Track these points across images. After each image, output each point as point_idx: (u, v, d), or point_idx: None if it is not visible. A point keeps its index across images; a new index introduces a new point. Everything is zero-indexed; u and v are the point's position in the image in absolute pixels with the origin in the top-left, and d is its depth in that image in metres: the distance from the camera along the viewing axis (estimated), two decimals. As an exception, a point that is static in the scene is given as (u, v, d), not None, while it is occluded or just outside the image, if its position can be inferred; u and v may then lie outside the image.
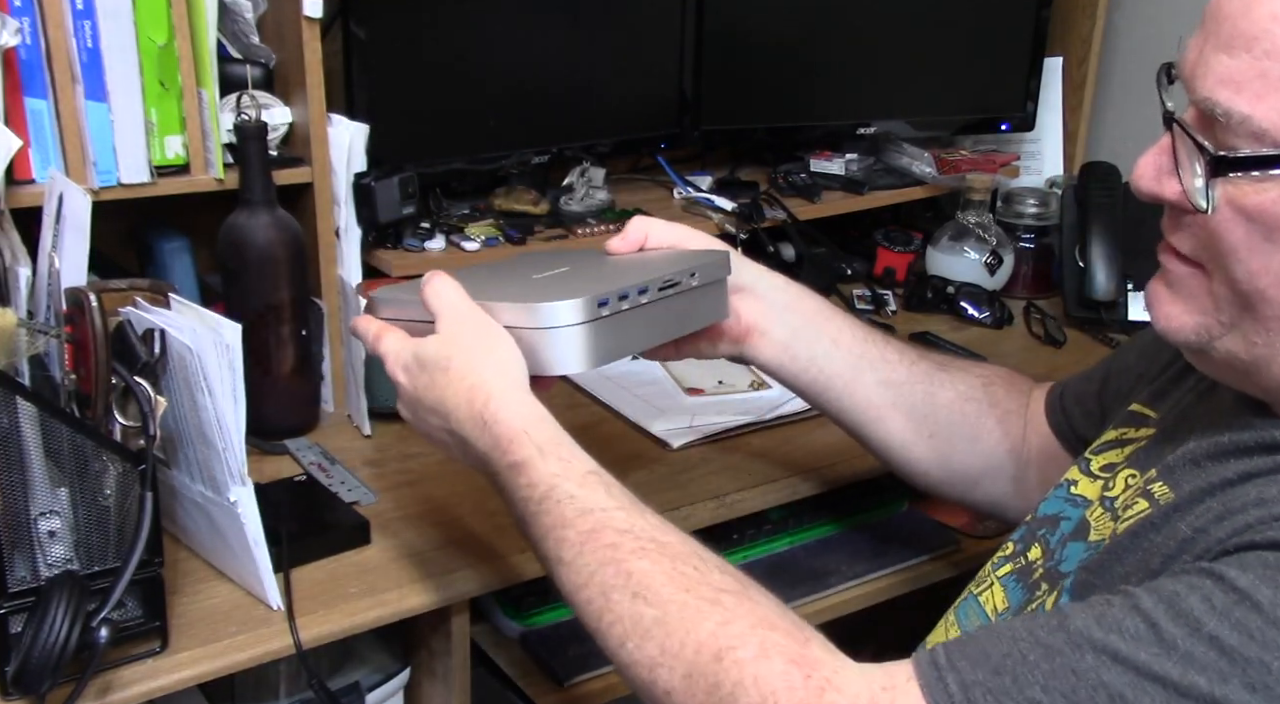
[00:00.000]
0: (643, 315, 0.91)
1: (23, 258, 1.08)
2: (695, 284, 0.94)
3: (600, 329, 0.87)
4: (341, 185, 1.27)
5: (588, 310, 0.86)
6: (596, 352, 0.88)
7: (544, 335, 0.86)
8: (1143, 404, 0.90)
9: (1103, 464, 0.88)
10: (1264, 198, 0.66)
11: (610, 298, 0.88)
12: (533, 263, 1.02)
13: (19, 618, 0.84)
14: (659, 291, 0.92)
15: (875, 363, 1.03)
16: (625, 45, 1.60)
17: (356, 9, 1.34)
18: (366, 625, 0.99)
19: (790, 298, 1.03)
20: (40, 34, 1.09)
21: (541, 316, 0.86)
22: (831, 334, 1.03)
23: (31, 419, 0.82)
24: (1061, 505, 0.89)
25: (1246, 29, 0.64)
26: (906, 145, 1.85)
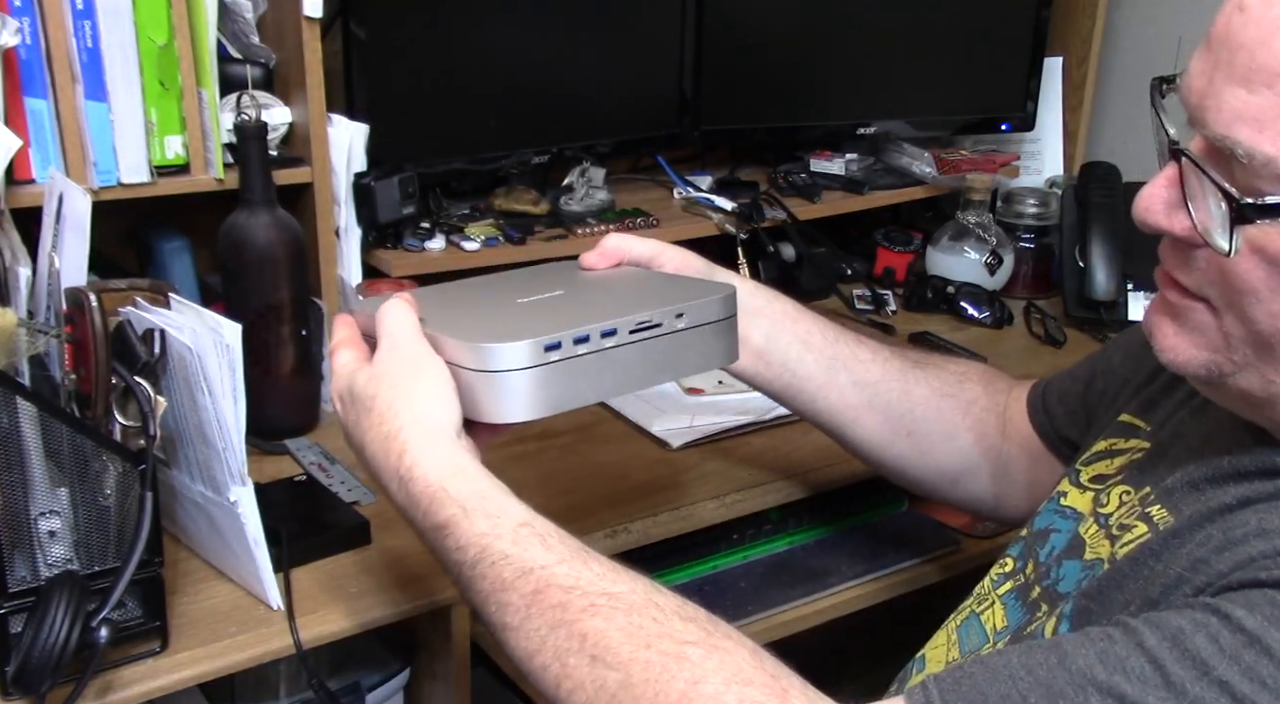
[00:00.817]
0: (608, 361, 0.81)
1: (23, 258, 1.08)
2: (682, 327, 0.83)
3: (549, 376, 0.77)
4: (341, 185, 1.27)
5: (533, 354, 0.76)
6: (543, 401, 0.78)
7: (483, 379, 0.77)
8: (1133, 415, 0.88)
9: (1092, 476, 0.87)
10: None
11: (563, 341, 0.78)
12: (532, 282, 0.94)
13: (19, 618, 0.84)
14: (630, 334, 0.81)
15: (848, 363, 1.01)
16: (625, 45, 1.60)
17: (356, 9, 1.34)
18: (366, 625, 0.99)
19: (761, 302, 1.00)
20: (40, 34, 1.09)
21: (482, 358, 0.76)
22: (802, 337, 1.00)
23: (31, 419, 0.82)
24: (1052, 518, 0.87)
25: (1267, 62, 0.59)
26: (906, 145, 1.85)
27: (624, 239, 0.96)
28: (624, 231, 1.50)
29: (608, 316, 0.80)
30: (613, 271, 0.94)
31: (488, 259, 1.43)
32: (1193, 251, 0.67)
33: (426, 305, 0.86)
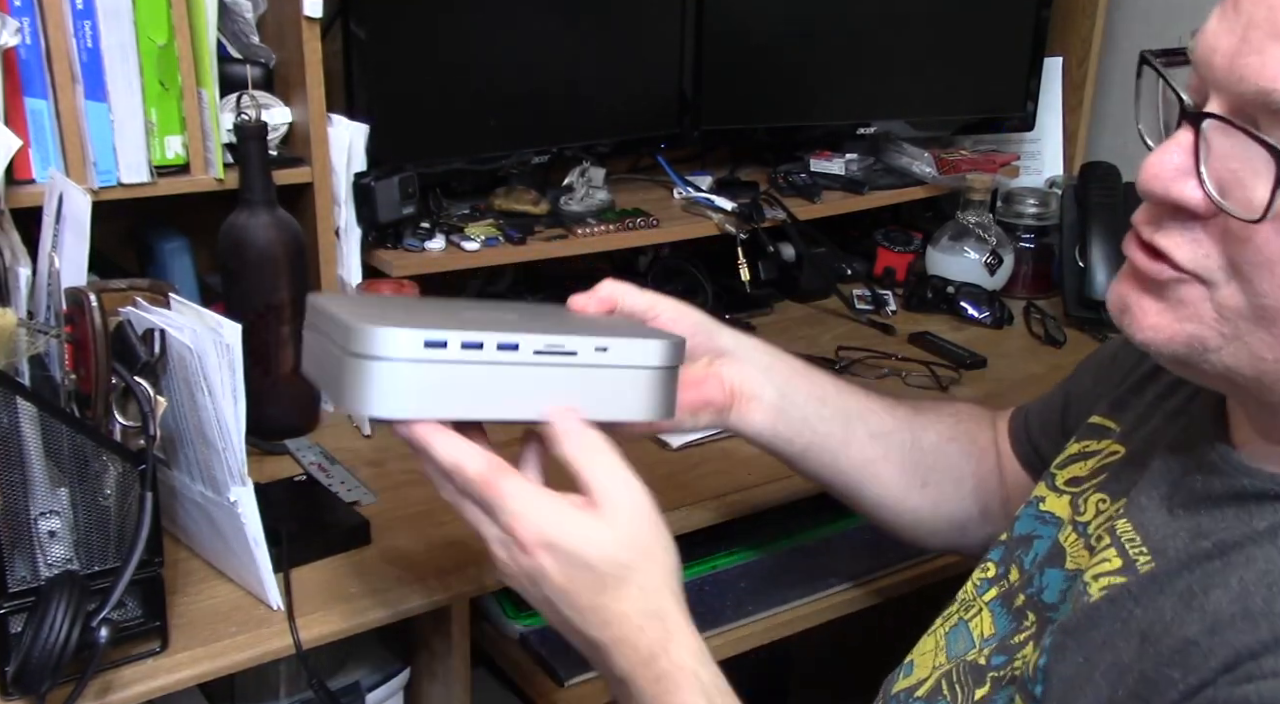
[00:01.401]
0: (501, 377, 0.71)
1: (23, 258, 1.08)
2: (602, 362, 0.73)
3: (422, 375, 0.69)
4: (341, 185, 1.27)
5: (409, 346, 0.68)
6: (409, 402, 0.69)
7: (351, 363, 0.69)
8: (1103, 415, 0.87)
9: (1067, 479, 0.86)
10: None
11: (449, 341, 0.69)
12: (502, 308, 0.90)
13: (19, 618, 0.84)
14: (535, 354, 0.72)
15: (863, 415, 0.97)
16: (625, 45, 1.60)
17: (356, 9, 1.34)
18: (366, 625, 0.99)
19: (771, 358, 0.94)
20: (40, 34, 1.09)
21: (354, 338, 0.68)
22: (817, 392, 0.95)
23: (31, 419, 0.82)
24: (1033, 524, 0.86)
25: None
26: (906, 145, 1.85)
27: (620, 287, 0.88)
28: (625, 230, 1.51)
29: (513, 332, 0.71)
30: (586, 316, 0.85)
31: (488, 259, 1.43)
32: (1191, 223, 0.64)
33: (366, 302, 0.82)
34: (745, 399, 0.91)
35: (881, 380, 1.49)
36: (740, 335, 0.93)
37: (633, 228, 1.52)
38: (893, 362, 1.53)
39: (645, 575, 0.72)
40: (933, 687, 0.85)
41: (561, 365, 0.72)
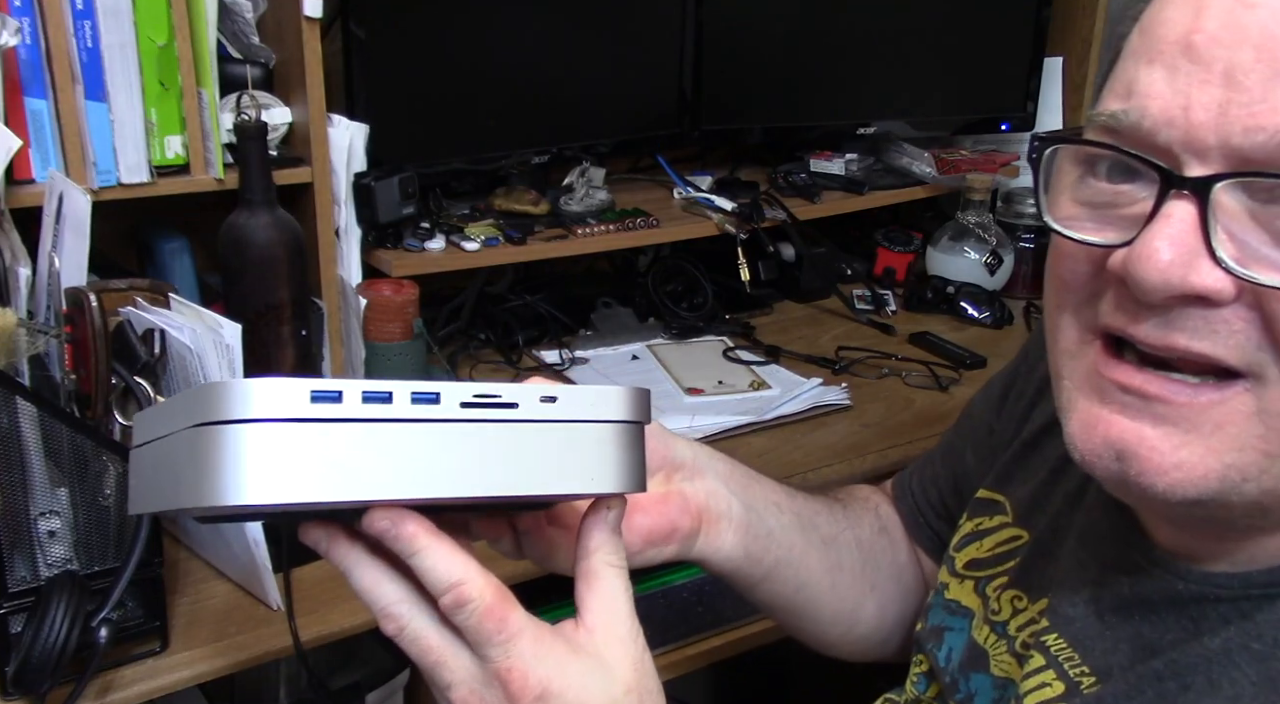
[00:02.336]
0: (417, 439, 0.51)
1: (23, 258, 1.08)
2: (551, 417, 0.54)
3: (312, 441, 0.48)
4: (341, 185, 1.27)
5: (294, 402, 0.48)
6: (291, 477, 0.48)
7: (208, 437, 0.48)
8: (990, 489, 0.80)
9: (966, 561, 0.79)
10: None
11: (345, 392, 0.49)
12: None
13: (19, 618, 0.84)
14: (462, 407, 0.52)
15: (812, 519, 0.84)
16: (625, 45, 1.60)
17: (356, 9, 1.34)
18: (366, 625, 0.99)
19: (727, 465, 0.79)
20: (40, 34, 1.09)
21: (216, 401, 0.47)
22: (773, 498, 0.81)
23: (31, 419, 0.82)
24: (941, 615, 0.79)
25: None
26: (906, 145, 1.85)
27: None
28: (625, 230, 1.51)
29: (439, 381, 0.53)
30: None
31: (488, 259, 1.43)
32: (1207, 312, 0.52)
33: None
34: (713, 520, 0.75)
35: (882, 380, 1.49)
36: (694, 443, 0.77)
37: (633, 228, 1.52)
38: (893, 362, 1.53)
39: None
40: None
41: (498, 421, 0.53)
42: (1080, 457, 0.57)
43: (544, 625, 0.57)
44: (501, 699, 0.55)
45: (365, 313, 1.26)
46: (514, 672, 0.55)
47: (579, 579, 0.59)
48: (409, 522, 0.53)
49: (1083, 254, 0.56)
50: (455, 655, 0.55)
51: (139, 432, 0.57)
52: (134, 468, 0.58)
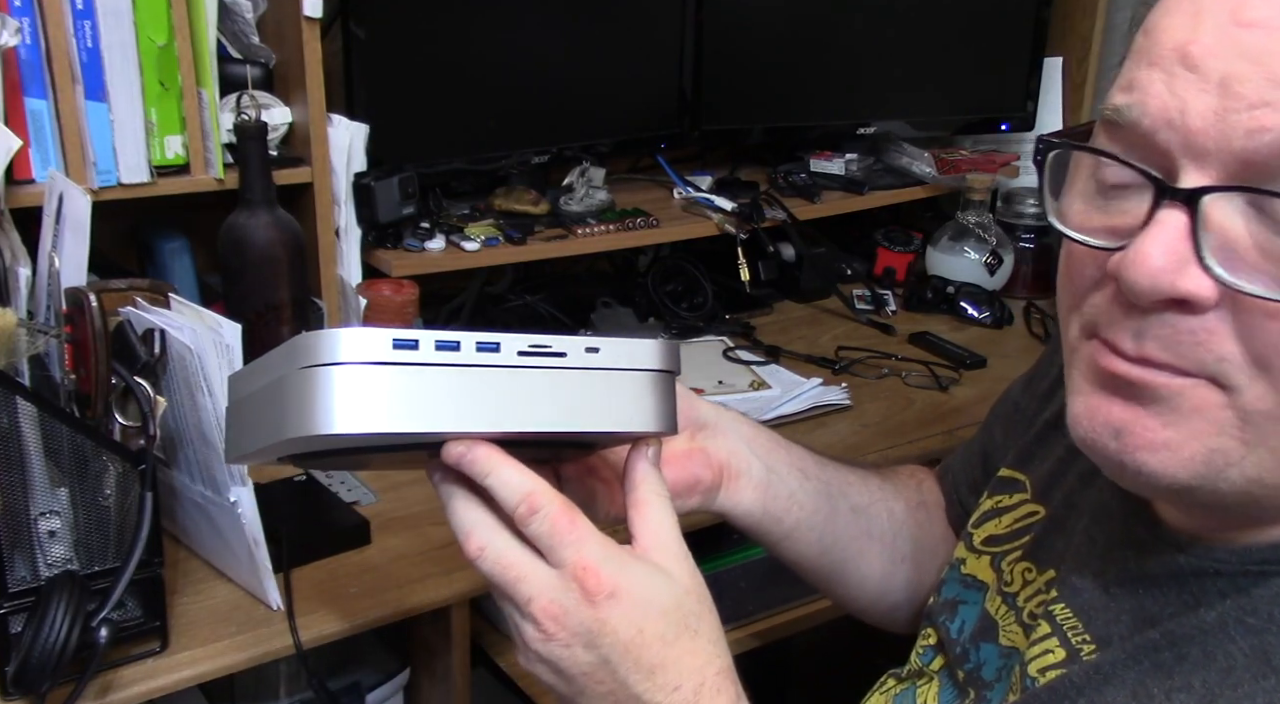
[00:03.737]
0: (481, 382, 0.61)
1: (23, 258, 1.08)
2: (595, 365, 0.64)
3: (393, 381, 0.58)
4: (341, 185, 1.27)
5: (378, 348, 0.58)
6: (377, 411, 0.58)
7: (305, 378, 0.58)
8: (1010, 468, 0.82)
9: (984, 538, 0.81)
10: None
11: (421, 341, 0.59)
12: None
13: (19, 618, 0.84)
14: (519, 356, 0.62)
15: (842, 488, 0.88)
16: (625, 45, 1.60)
17: (356, 9, 1.34)
18: (366, 625, 0.99)
19: (751, 429, 0.84)
20: (40, 34, 1.09)
21: (312, 349, 0.58)
22: (799, 464, 0.85)
23: (31, 419, 0.82)
24: (957, 589, 0.81)
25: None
26: (906, 145, 1.85)
27: None
28: (625, 230, 1.51)
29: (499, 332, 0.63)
30: None
31: (488, 259, 1.43)
32: (1188, 317, 0.54)
33: None
34: (733, 476, 0.81)
35: (882, 380, 1.49)
36: (719, 407, 0.83)
37: (633, 228, 1.52)
38: (893, 362, 1.53)
39: (713, 628, 0.65)
40: None
41: (550, 367, 0.63)
42: (1082, 436, 0.59)
43: (608, 537, 0.62)
44: (579, 601, 0.60)
45: (365, 313, 1.26)
46: (588, 570, 0.60)
47: (630, 509, 0.65)
48: (480, 447, 0.61)
49: (1088, 254, 0.59)
50: (533, 568, 0.60)
51: (234, 389, 0.66)
52: (231, 420, 0.67)
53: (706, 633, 0.64)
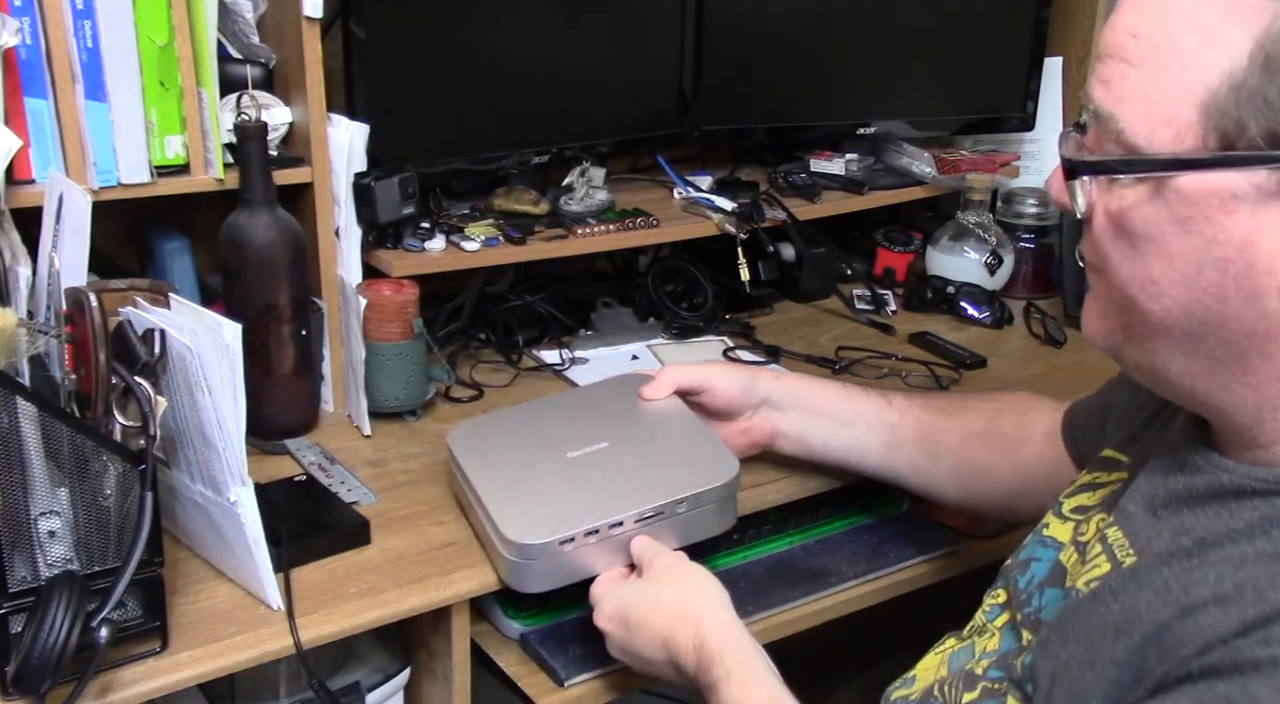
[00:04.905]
0: (616, 542, 1.02)
1: (23, 258, 1.08)
2: (683, 511, 1.03)
3: (560, 559, 1.00)
4: (341, 185, 1.27)
5: (550, 548, 0.98)
6: (553, 579, 1.01)
7: (507, 558, 1.00)
8: (1115, 449, 0.89)
9: (1074, 507, 0.88)
10: (1122, 202, 0.67)
11: (577, 535, 0.99)
12: (576, 421, 1.14)
13: (19, 618, 0.84)
14: (636, 523, 1.02)
15: (881, 431, 1.15)
16: (625, 45, 1.60)
17: (356, 9, 1.34)
18: (366, 625, 0.99)
19: (796, 392, 1.17)
20: (40, 34, 1.09)
21: (507, 547, 1.00)
22: (838, 416, 1.16)
23: (31, 419, 0.82)
24: (1034, 549, 0.88)
25: (1111, 38, 0.68)
26: (906, 145, 1.85)
27: (678, 372, 1.16)
28: (625, 230, 1.51)
29: (619, 508, 1.01)
30: (659, 418, 1.14)
31: (488, 259, 1.43)
32: (1085, 226, 0.72)
33: (475, 447, 1.11)
34: (777, 437, 1.18)
35: (881, 380, 1.49)
36: (775, 378, 1.16)
37: (633, 228, 1.52)
38: (893, 362, 1.53)
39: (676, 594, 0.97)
40: (924, 691, 0.87)
41: (657, 521, 1.02)
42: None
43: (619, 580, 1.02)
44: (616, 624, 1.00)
45: (365, 313, 1.26)
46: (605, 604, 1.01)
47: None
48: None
49: None
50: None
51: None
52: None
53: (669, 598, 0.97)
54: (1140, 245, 0.67)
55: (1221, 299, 0.65)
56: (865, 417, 1.16)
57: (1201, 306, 0.66)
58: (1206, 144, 0.63)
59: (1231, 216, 0.64)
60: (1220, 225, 0.64)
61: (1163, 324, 0.68)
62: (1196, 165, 0.64)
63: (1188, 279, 0.66)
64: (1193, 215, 0.64)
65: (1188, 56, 0.63)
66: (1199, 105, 0.63)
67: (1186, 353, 0.69)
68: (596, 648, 1.09)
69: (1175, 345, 0.69)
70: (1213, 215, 0.64)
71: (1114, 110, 0.66)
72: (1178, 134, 0.64)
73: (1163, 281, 0.67)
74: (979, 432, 1.13)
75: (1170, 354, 0.70)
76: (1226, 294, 0.65)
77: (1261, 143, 0.62)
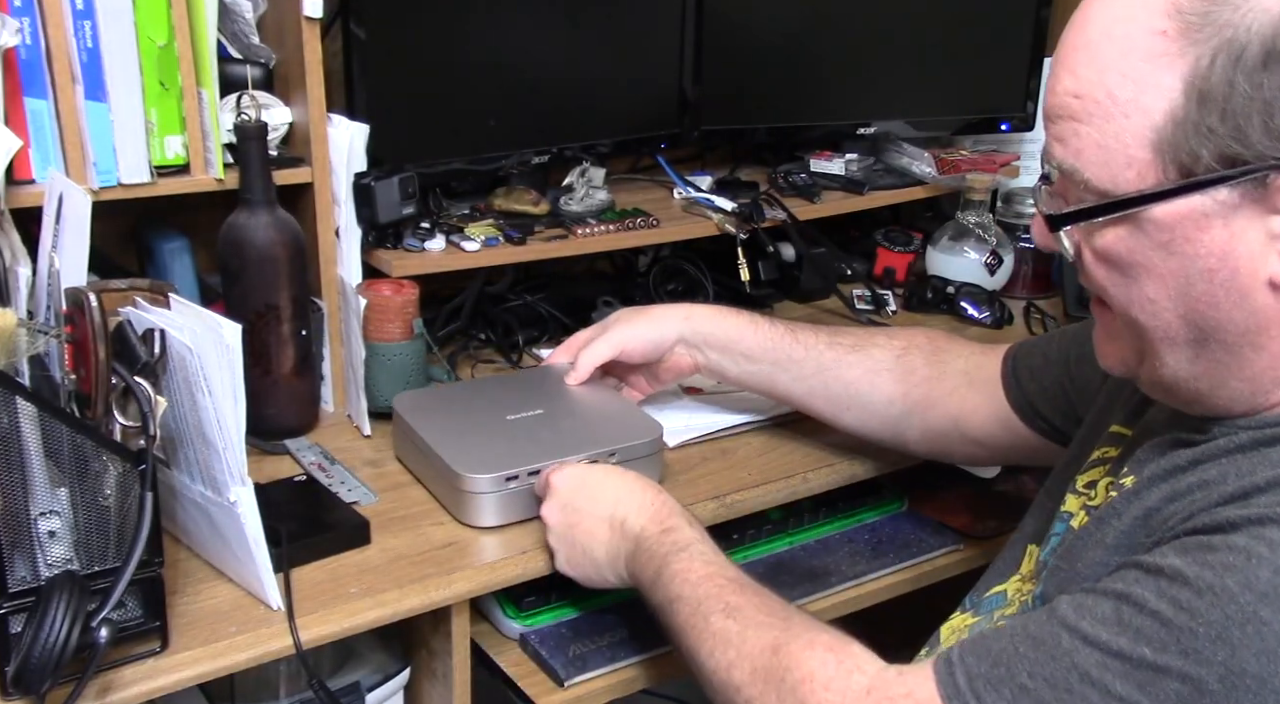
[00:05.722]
0: None
1: (23, 258, 1.08)
2: (615, 461, 1.13)
3: (506, 497, 1.09)
4: (341, 185, 1.27)
5: (496, 482, 1.08)
6: (499, 514, 1.10)
7: (458, 493, 1.09)
8: (1121, 424, 0.94)
9: (1086, 482, 0.93)
10: (1105, 240, 0.75)
11: (520, 473, 1.09)
12: (510, 394, 1.23)
13: (19, 618, 0.84)
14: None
15: (785, 365, 1.23)
16: (625, 45, 1.60)
17: (356, 9, 1.34)
18: (366, 625, 0.99)
19: (705, 332, 1.25)
20: (40, 34, 1.09)
21: (460, 480, 1.09)
22: (745, 351, 1.24)
23: (31, 419, 0.82)
24: (1055, 526, 0.93)
25: (1053, 103, 0.75)
26: (906, 145, 1.85)
27: (591, 353, 1.24)
28: (625, 230, 1.51)
29: (557, 455, 1.11)
30: (587, 392, 1.25)
31: (488, 259, 1.43)
32: (1078, 264, 0.78)
33: (428, 409, 1.19)
34: (701, 368, 1.28)
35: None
36: (685, 319, 1.25)
37: (633, 228, 1.52)
38: (893, 361, 1.53)
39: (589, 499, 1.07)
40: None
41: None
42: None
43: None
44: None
45: (365, 313, 1.26)
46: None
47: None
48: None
49: None
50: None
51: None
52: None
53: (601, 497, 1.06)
54: (1131, 272, 0.74)
55: (1214, 305, 0.73)
56: (771, 351, 1.23)
57: (1198, 315, 0.73)
58: (1168, 176, 0.71)
59: (1207, 233, 0.71)
60: (1199, 242, 0.71)
61: (1167, 337, 0.76)
62: (1163, 196, 0.71)
63: (1181, 293, 0.73)
64: (1172, 239, 0.72)
65: (1128, 105, 0.71)
66: (1150, 145, 0.70)
67: (1191, 359, 0.76)
68: (597, 648, 1.09)
69: (1182, 354, 0.76)
70: (1190, 235, 0.71)
71: (1075, 164, 0.73)
72: (1139, 173, 0.71)
73: (1159, 299, 0.74)
74: (882, 366, 1.20)
75: (1178, 363, 0.77)
76: (1218, 300, 0.72)
77: (1217, 166, 0.69)
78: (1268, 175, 0.68)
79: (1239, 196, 0.69)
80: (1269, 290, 0.71)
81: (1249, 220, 0.70)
